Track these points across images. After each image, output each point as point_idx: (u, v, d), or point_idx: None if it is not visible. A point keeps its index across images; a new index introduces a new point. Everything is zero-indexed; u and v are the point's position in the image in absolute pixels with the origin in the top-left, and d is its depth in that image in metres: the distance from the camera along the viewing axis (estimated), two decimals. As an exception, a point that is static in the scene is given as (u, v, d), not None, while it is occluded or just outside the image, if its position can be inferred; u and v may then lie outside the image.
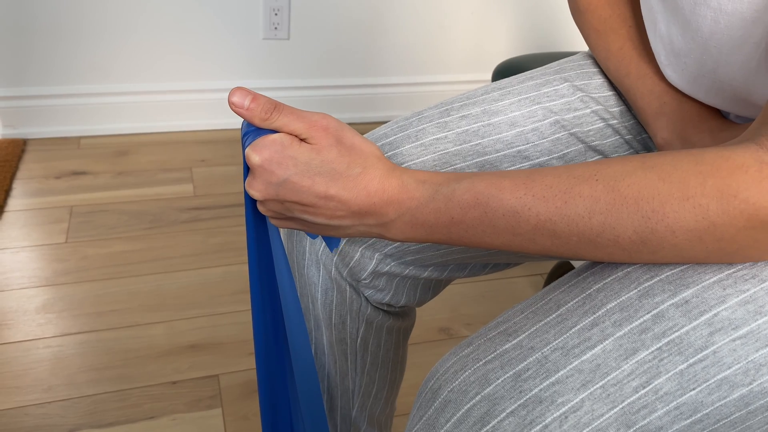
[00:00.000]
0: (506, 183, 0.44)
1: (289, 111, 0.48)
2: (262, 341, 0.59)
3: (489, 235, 0.44)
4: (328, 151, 0.47)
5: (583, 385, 0.40)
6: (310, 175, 0.47)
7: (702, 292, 0.41)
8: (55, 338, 1.18)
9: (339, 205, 0.47)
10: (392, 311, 0.71)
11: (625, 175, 0.40)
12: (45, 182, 1.62)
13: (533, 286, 1.42)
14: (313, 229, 0.50)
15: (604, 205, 0.40)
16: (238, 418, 1.05)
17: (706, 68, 0.54)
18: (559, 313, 0.43)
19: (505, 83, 0.67)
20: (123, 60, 1.79)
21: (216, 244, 1.46)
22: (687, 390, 0.40)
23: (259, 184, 0.48)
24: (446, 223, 0.45)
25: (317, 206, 0.47)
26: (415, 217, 0.46)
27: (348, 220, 0.48)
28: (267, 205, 0.50)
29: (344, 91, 2.01)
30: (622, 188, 0.40)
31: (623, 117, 0.66)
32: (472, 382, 0.41)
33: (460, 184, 0.45)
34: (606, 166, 0.42)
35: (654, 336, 0.40)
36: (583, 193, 0.41)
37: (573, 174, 0.42)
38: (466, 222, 0.44)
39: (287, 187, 0.47)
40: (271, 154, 0.47)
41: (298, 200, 0.47)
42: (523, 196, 0.43)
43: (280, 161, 0.47)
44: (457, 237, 0.46)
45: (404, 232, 0.47)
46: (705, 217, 0.38)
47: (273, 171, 0.47)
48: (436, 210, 0.45)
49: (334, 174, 0.47)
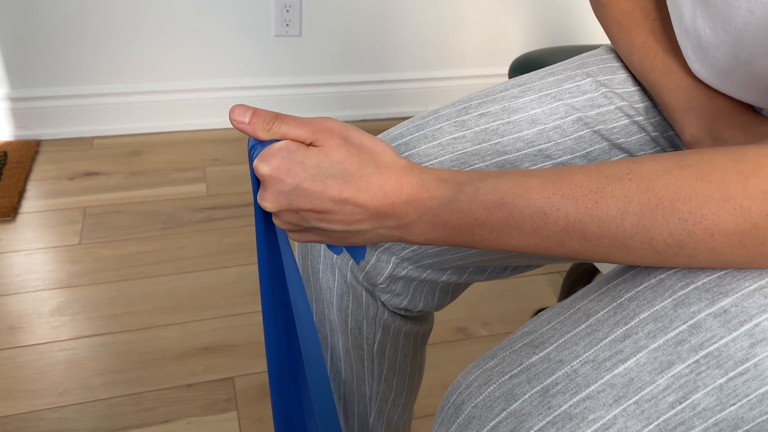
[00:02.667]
0: (533, 182, 0.41)
1: (291, 119, 0.47)
2: (274, 348, 0.57)
3: (515, 237, 0.42)
4: (336, 151, 0.45)
5: (616, 401, 0.37)
6: (322, 179, 0.45)
7: (742, 300, 0.39)
8: (70, 341, 1.17)
9: (355, 208, 0.45)
10: (410, 316, 0.69)
11: (660, 174, 0.38)
12: (58, 183, 1.61)
13: (551, 285, 1.39)
14: (332, 239, 0.48)
15: (638, 205, 0.38)
16: (253, 422, 1.04)
17: (739, 61, 0.52)
18: (589, 323, 0.41)
19: (524, 79, 0.65)
20: (135, 59, 1.78)
21: (230, 245, 1.45)
22: (727, 405, 0.38)
23: (270, 195, 0.46)
24: (470, 225, 0.43)
25: (333, 212, 0.45)
26: (437, 217, 0.44)
27: (367, 223, 0.46)
28: (282, 216, 0.48)
29: (358, 88, 1.99)
30: (657, 188, 0.38)
31: (649, 113, 0.63)
32: (497, 398, 0.39)
33: (484, 183, 0.43)
34: (639, 165, 0.39)
35: (691, 348, 0.38)
36: (616, 193, 0.39)
37: (604, 173, 0.40)
38: (490, 223, 0.42)
39: (299, 194, 0.45)
40: (279, 162, 0.46)
41: (312, 207, 0.45)
42: (551, 196, 0.40)
43: (288, 168, 0.45)
44: (480, 239, 0.43)
45: (425, 234, 0.45)
46: (747, 220, 0.36)
47: (283, 179, 0.45)
48: (458, 210, 0.43)
49: (346, 175, 0.45)
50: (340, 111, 2.00)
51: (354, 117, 2.02)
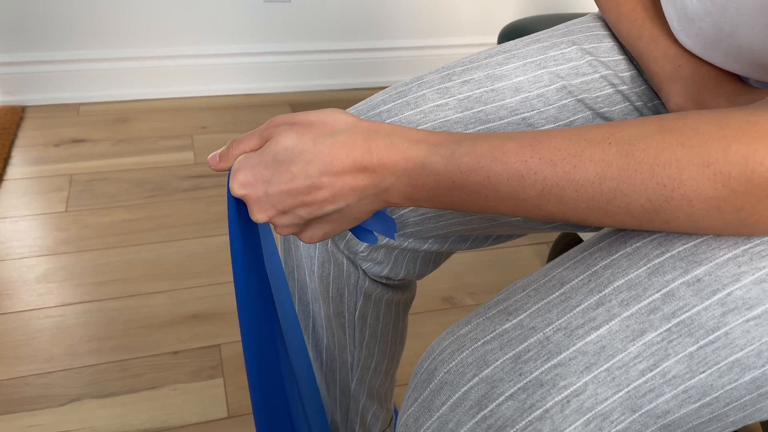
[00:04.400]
0: (511, 145, 0.41)
1: (243, 136, 0.48)
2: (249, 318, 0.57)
3: (492, 200, 0.42)
4: (284, 137, 0.45)
5: (587, 368, 0.38)
6: (286, 169, 0.44)
7: (715, 269, 0.39)
8: (56, 308, 1.17)
9: (331, 182, 0.44)
10: (391, 284, 0.69)
11: (641, 138, 0.37)
12: (44, 150, 1.60)
13: (538, 255, 1.39)
14: (336, 224, 0.48)
15: (616, 170, 0.38)
16: (239, 388, 1.05)
17: (724, 32, 0.51)
18: (563, 291, 0.41)
19: (509, 46, 0.64)
20: (122, 25, 1.75)
21: (217, 213, 1.44)
22: (696, 373, 0.38)
23: (254, 208, 0.47)
24: (447, 187, 0.42)
25: (314, 199, 0.45)
26: (414, 178, 0.43)
27: (349, 196, 0.45)
28: (279, 222, 0.47)
29: (347, 56, 1.97)
30: (637, 152, 0.37)
31: (634, 82, 0.62)
32: (469, 364, 0.39)
33: (459, 145, 0.42)
34: (621, 129, 0.39)
35: (663, 316, 0.38)
36: (594, 157, 0.38)
37: (584, 136, 0.39)
38: (467, 186, 0.42)
39: (275, 194, 0.45)
40: (243, 174, 0.46)
41: (293, 201, 0.45)
42: (529, 159, 0.40)
43: (253, 175, 0.46)
44: (459, 201, 0.43)
45: (406, 194, 0.44)
46: (726, 185, 0.35)
47: (254, 188, 0.46)
48: (435, 173, 0.42)
49: (306, 155, 0.44)
50: (330, 79, 1.98)
51: (344, 85, 2.00)
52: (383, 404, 0.80)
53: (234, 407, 1.01)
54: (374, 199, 0.45)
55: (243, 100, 1.90)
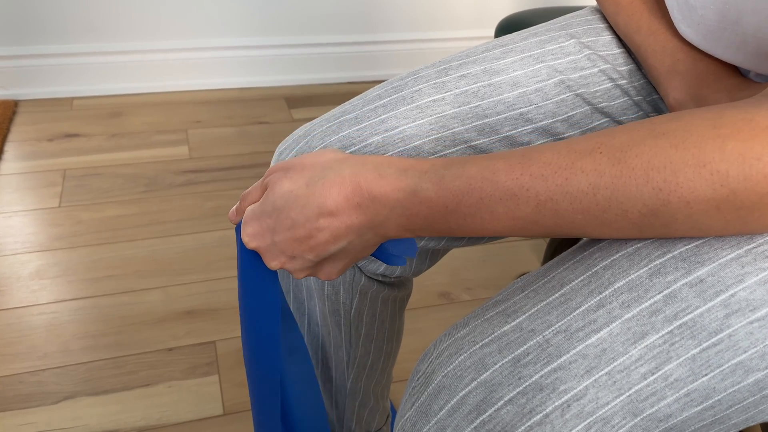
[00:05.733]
0: (500, 164, 0.40)
1: (251, 188, 0.49)
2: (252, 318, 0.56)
3: (488, 221, 0.41)
4: (280, 184, 0.45)
5: (588, 372, 0.37)
6: (285, 216, 0.45)
7: (718, 270, 0.38)
8: (50, 305, 1.16)
9: (328, 227, 0.44)
10: (387, 281, 0.68)
11: (632, 144, 0.37)
12: (37, 145, 1.58)
13: (535, 251, 1.39)
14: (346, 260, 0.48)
15: (610, 178, 0.37)
16: (235, 385, 1.04)
17: (728, 20, 0.50)
18: (563, 292, 0.40)
19: (507, 40, 0.63)
20: (116, 18, 1.73)
21: (212, 208, 1.43)
22: (699, 376, 0.37)
23: (267, 257, 0.47)
24: (442, 213, 0.42)
25: (317, 243, 0.45)
26: (407, 209, 0.42)
27: (349, 235, 0.45)
28: (290, 267, 0.48)
29: (342, 49, 1.95)
30: (630, 159, 0.36)
31: (632, 76, 0.61)
32: (467, 367, 0.38)
33: (448, 170, 0.41)
34: (611, 137, 0.38)
35: (665, 318, 0.37)
36: (586, 167, 0.37)
37: (574, 149, 0.38)
38: (461, 210, 0.41)
39: (281, 242, 0.45)
40: (251, 226, 0.47)
41: (301, 248, 0.45)
42: (520, 177, 0.39)
43: (260, 226, 0.46)
44: (456, 226, 0.42)
45: (403, 225, 0.44)
46: (724, 185, 0.35)
47: (263, 238, 0.46)
48: (427, 200, 0.42)
49: (301, 200, 0.44)
50: (326, 72, 1.96)
51: (340, 79, 1.98)
52: (380, 402, 0.79)
53: (229, 404, 1.01)
54: (373, 234, 0.45)
55: (238, 94, 1.89)
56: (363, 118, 0.59)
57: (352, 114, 0.60)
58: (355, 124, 0.59)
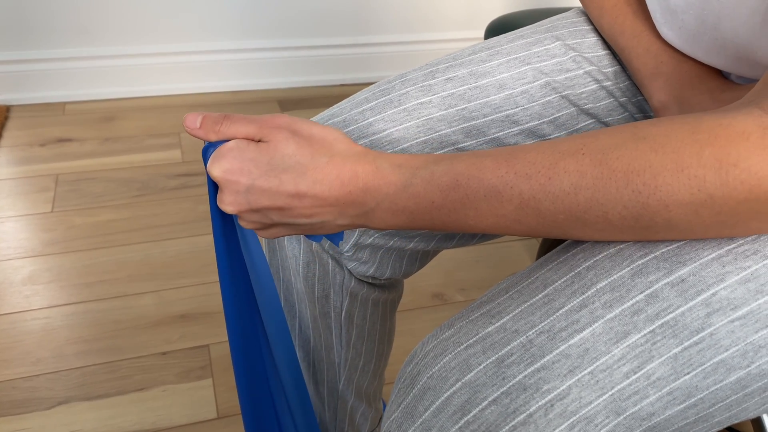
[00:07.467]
0: (487, 162, 0.41)
1: (239, 117, 0.46)
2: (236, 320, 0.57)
3: (472, 218, 0.42)
4: (285, 145, 0.44)
5: (570, 371, 0.37)
6: (276, 174, 0.44)
7: (699, 270, 0.38)
8: (43, 310, 1.16)
9: (314, 200, 0.44)
10: (377, 283, 0.69)
11: (614, 147, 0.37)
12: (30, 150, 1.58)
13: (528, 250, 1.39)
14: (300, 231, 0.47)
15: (591, 179, 0.37)
16: (229, 389, 1.04)
17: (707, 25, 0.50)
18: (546, 293, 0.40)
19: (493, 42, 0.63)
20: (108, 22, 1.73)
21: (205, 212, 1.43)
22: (681, 374, 0.38)
23: (227, 197, 0.45)
24: (427, 208, 0.42)
25: (292, 206, 0.44)
26: (394, 203, 0.43)
27: (328, 214, 0.45)
28: (245, 217, 0.47)
29: (334, 51, 1.95)
30: (611, 161, 0.37)
31: (618, 78, 0.62)
32: (452, 368, 0.39)
33: (438, 166, 0.42)
34: (594, 139, 0.38)
35: (647, 318, 0.38)
36: (569, 168, 0.38)
37: (558, 149, 0.39)
38: (447, 206, 0.42)
39: (256, 192, 0.44)
40: (231, 162, 0.45)
41: (270, 204, 0.44)
42: (505, 175, 0.40)
43: (241, 167, 0.44)
44: (440, 222, 0.43)
45: (386, 221, 0.44)
46: (701, 189, 0.35)
47: (237, 180, 0.45)
48: (415, 195, 0.42)
49: (300, 168, 0.44)
50: (318, 75, 1.97)
51: (332, 81, 1.99)
52: (372, 404, 0.80)
53: (223, 408, 1.01)
54: (352, 220, 0.45)
55: (231, 97, 1.89)
56: (351, 122, 0.59)
57: (339, 117, 0.60)
58: (342, 127, 0.59)
